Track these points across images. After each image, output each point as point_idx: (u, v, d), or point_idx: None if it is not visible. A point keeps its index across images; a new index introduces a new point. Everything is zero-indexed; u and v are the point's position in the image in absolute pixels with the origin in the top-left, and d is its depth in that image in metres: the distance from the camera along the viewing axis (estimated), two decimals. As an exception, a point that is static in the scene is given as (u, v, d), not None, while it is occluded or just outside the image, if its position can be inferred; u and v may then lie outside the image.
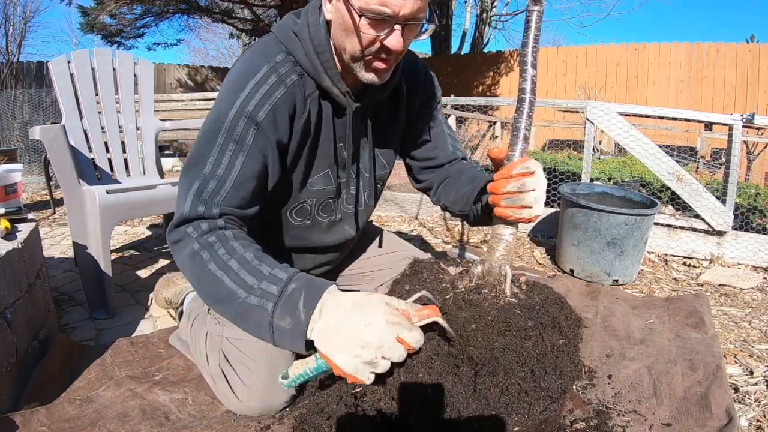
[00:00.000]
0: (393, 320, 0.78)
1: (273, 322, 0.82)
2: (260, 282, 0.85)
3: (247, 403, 1.09)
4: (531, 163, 0.88)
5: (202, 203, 0.91)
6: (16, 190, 1.47)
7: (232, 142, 0.94)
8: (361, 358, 0.77)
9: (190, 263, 0.89)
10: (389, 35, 0.90)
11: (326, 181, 1.13)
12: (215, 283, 0.86)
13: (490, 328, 0.86)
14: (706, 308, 1.80)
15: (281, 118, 0.97)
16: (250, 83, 0.96)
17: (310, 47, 0.99)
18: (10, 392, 1.12)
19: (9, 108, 5.80)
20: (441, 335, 0.87)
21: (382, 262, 1.40)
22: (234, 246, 0.89)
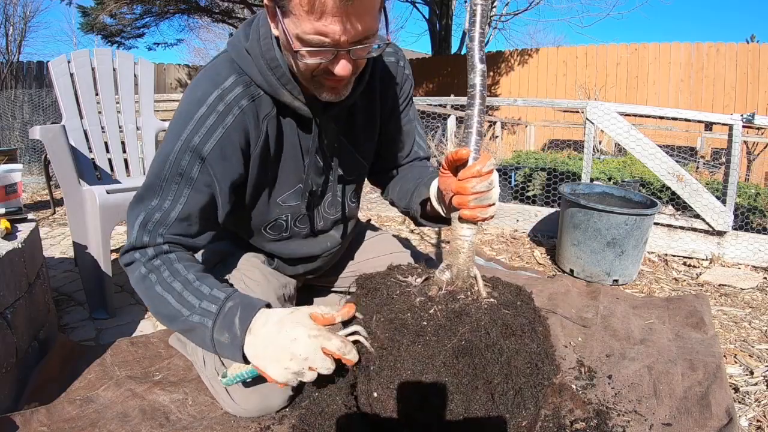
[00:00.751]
0: (314, 333, 0.88)
1: (213, 337, 0.91)
2: (201, 302, 0.93)
3: (243, 405, 1.09)
4: (492, 159, 0.87)
5: (147, 233, 0.96)
6: (16, 190, 1.47)
7: (177, 176, 0.94)
8: (290, 369, 0.87)
9: (140, 285, 0.96)
10: (335, 63, 0.85)
11: (297, 196, 1.12)
12: (163, 303, 0.94)
13: (493, 333, 0.86)
14: (706, 308, 1.80)
15: (231, 149, 0.96)
16: (197, 114, 0.93)
17: (262, 63, 0.95)
18: (10, 392, 1.12)
19: (9, 108, 5.80)
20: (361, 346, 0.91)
21: (377, 265, 1.40)
22: (178, 268, 0.95)
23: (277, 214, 1.13)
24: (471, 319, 0.87)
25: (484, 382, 0.84)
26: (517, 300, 0.97)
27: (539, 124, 7.89)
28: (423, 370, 0.85)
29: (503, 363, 0.85)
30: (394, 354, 0.87)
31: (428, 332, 0.86)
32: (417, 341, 0.86)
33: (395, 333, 0.87)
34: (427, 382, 0.85)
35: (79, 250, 1.66)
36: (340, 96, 0.95)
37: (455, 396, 0.84)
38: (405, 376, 0.85)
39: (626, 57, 8.44)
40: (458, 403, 0.84)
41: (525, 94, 9.34)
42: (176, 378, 1.28)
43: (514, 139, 7.78)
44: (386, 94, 1.17)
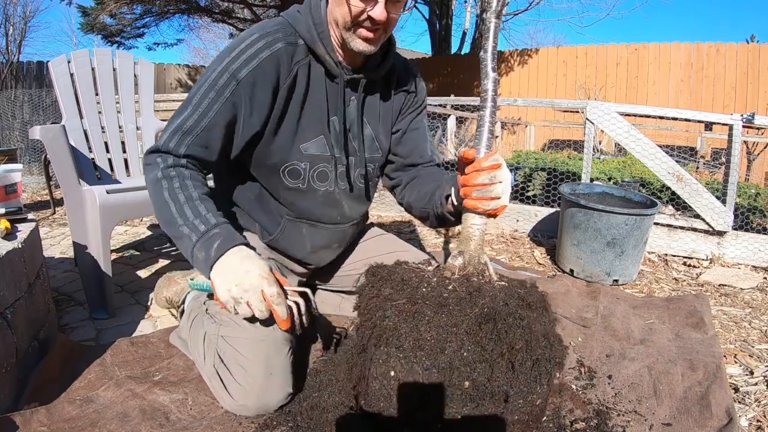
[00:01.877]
0: (264, 276, 1.02)
1: (193, 251, 1.04)
2: (195, 218, 1.05)
3: (242, 402, 1.09)
4: (498, 156, 0.99)
5: (175, 141, 1.09)
6: (16, 190, 1.47)
7: (212, 91, 1.09)
8: (230, 293, 1.01)
9: (152, 186, 1.09)
10: (374, 6, 1.05)
11: (320, 148, 1.22)
12: (165, 207, 1.06)
13: (511, 304, 0.91)
14: (706, 308, 1.80)
15: (262, 78, 1.10)
16: (240, 47, 1.10)
17: (310, 20, 1.14)
18: (10, 392, 1.12)
19: (9, 108, 5.80)
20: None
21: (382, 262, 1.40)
22: (187, 183, 1.08)
23: (296, 159, 1.21)
24: (489, 293, 0.92)
25: (508, 348, 0.87)
26: (524, 287, 1.01)
27: (539, 124, 7.89)
28: (447, 338, 0.87)
29: (525, 327, 0.88)
30: (417, 324, 0.88)
31: (451, 303, 0.90)
32: (440, 311, 0.89)
33: (419, 306, 0.90)
34: (449, 352, 0.86)
35: (79, 250, 1.66)
36: (372, 46, 1.11)
37: (478, 366, 0.86)
38: (429, 346, 0.87)
39: (626, 57, 8.44)
40: (481, 372, 0.86)
41: (525, 94, 9.34)
42: (176, 378, 1.28)
43: (514, 139, 7.78)
44: (404, 90, 1.32)
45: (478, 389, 0.86)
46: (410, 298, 0.92)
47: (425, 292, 0.93)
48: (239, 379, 1.10)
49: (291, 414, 1.11)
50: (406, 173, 1.37)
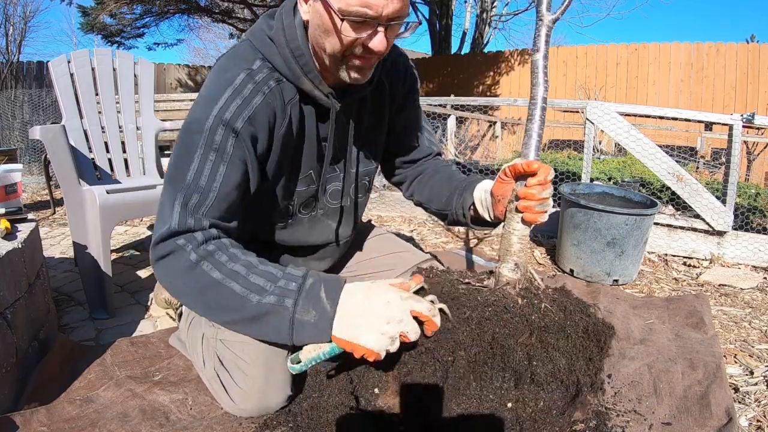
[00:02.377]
0: (405, 296, 0.86)
1: (294, 318, 0.84)
2: (275, 282, 0.86)
3: (242, 406, 1.09)
4: (552, 171, 0.97)
5: (190, 216, 0.89)
6: (16, 190, 1.47)
7: (212, 151, 0.91)
8: (387, 334, 0.83)
9: (188, 276, 0.86)
10: (372, 37, 0.88)
11: (308, 181, 1.13)
12: (222, 292, 0.85)
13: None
14: (706, 308, 1.80)
15: (260, 126, 0.96)
16: (227, 91, 0.94)
17: (287, 52, 0.97)
18: (10, 392, 1.12)
19: (9, 108, 5.80)
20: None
21: (380, 264, 1.40)
22: (235, 253, 0.89)
23: (289, 200, 1.13)
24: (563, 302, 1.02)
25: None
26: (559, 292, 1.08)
27: (539, 124, 7.87)
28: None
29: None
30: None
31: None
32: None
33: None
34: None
35: (79, 250, 1.66)
36: (365, 77, 0.97)
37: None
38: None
39: (626, 57, 8.43)
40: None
41: (525, 94, 9.25)
42: (176, 378, 1.28)
43: (514, 139, 7.77)
44: (395, 90, 1.20)
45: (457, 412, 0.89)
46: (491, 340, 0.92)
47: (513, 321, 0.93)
48: (239, 382, 1.09)
49: (291, 414, 1.11)
50: (408, 169, 1.35)
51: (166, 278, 0.90)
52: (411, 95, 1.25)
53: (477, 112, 6.31)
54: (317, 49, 0.95)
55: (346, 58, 0.93)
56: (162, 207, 0.92)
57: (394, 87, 1.19)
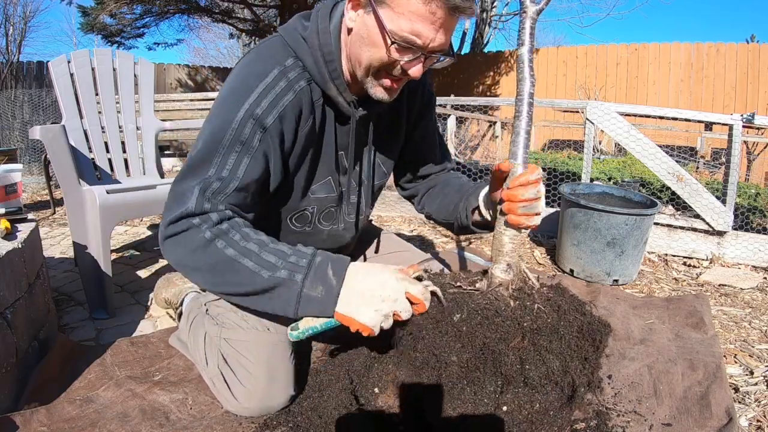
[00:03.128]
0: (400, 277, 0.91)
1: (302, 292, 0.89)
2: (286, 258, 0.90)
3: (245, 404, 1.09)
4: (540, 170, 0.93)
5: (208, 201, 0.91)
6: (16, 190, 1.47)
7: (238, 144, 0.93)
8: (381, 311, 0.89)
9: (201, 253, 0.89)
10: (412, 63, 0.91)
11: (328, 189, 1.14)
12: (234, 268, 0.89)
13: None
14: (706, 308, 1.80)
15: (288, 124, 0.98)
16: (260, 86, 0.95)
17: (318, 55, 0.98)
18: (10, 392, 1.12)
19: (9, 108, 5.80)
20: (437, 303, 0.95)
21: (385, 262, 1.40)
22: (248, 232, 0.92)
23: (306, 204, 1.13)
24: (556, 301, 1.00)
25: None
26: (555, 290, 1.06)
27: (539, 124, 7.88)
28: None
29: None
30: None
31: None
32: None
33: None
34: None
35: (79, 250, 1.66)
36: (391, 97, 0.99)
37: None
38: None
39: (626, 57, 8.43)
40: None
41: (525, 94, 9.31)
42: (176, 378, 1.28)
43: (514, 139, 7.76)
44: (412, 103, 1.20)
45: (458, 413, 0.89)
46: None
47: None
48: (243, 380, 1.10)
49: (291, 414, 1.11)
50: (420, 184, 1.35)
51: (176, 254, 0.92)
52: (428, 110, 1.26)
53: (477, 112, 6.30)
54: (352, 58, 0.97)
55: (379, 75, 0.95)
56: (178, 192, 0.93)
57: (412, 101, 1.20)
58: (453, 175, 1.34)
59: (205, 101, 5.24)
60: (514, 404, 0.91)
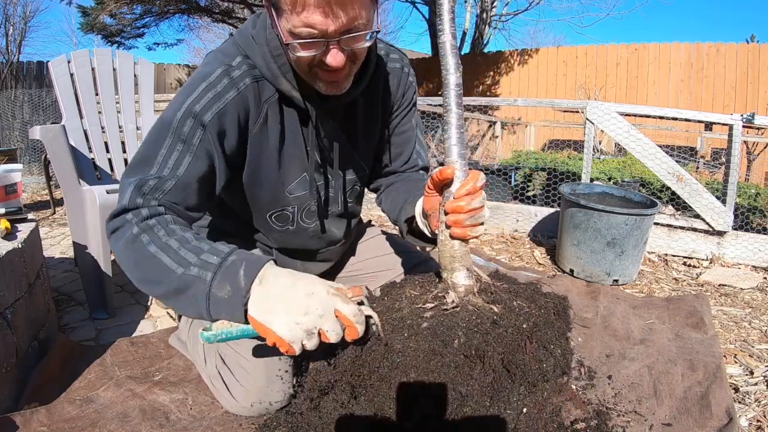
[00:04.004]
0: (333, 292, 0.82)
1: (210, 292, 0.81)
2: (199, 255, 0.84)
3: (244, 404, 1.09)
4: (482, 175, 0.87)
5: (141, 196, 0.89)
6: (16, 190, 1.47)
7: (179, 142, 0.93)
8: (302, 325, 0.79)
9: (129, 248, 0.87)
10: (326, 54, 0.87)
11: (304, 186, 1.12)
12: (154, 264, 0.84)
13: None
14: (706, 308, 1.80)
15: (229, 122, 0.96)
16: (202, 85, 0.95)
17: (266, 51, 0.97)
18: (10, 392, 1.12)
19: (9, 108, 5.80)
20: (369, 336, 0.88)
21: (379, 264, 1.40)
22: (174, 228, 0.88)
23: (285, 204, 1.13)
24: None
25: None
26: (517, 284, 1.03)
27: (539, 124, 7.89)
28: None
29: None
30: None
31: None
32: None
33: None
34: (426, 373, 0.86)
35: (79, 250, 1.66)
36: (340, 89, 0.96)
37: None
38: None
39: (626, 57, 8.43)
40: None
41: (525, 94, 9.33)
42: (176, 378, 1.28)
43: (514, 139, 7.78)
44: (388, 97, 1.18)
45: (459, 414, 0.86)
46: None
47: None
48: (241, 380, 1.10)
49: (290, 414, 1.11)
50: (386, 178, 1.31)
51: (116, 252, 0.90)
52: (406, 104, 1.23)
53: (477, 112, 6.30)
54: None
55: (312, 72, 0.92)
56: (120, 189, 0.93)
57: (387, 94, 1.17)
58: (417, 175, 1.28)
59: (205, 101, 5.23)
60: (532, 404, 0.90)
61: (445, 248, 0.92)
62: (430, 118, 4.55)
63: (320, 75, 0.92)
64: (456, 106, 0.89)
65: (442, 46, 0.88)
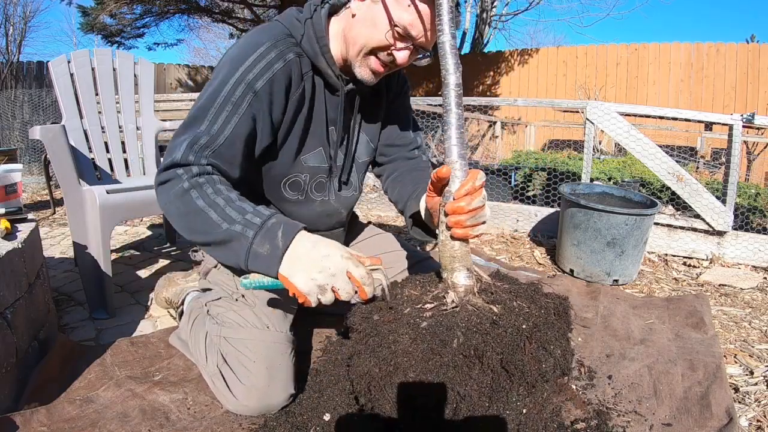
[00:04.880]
0: (346, 256, 0.94)
1: (251, 248, 0.94)
2: (244, 215, 0.96)
3: (245, 403, 1.09)
4: (482, 173, 0.93)
5: (193, 153, 0.99)
6: (16, 190, 1.47)
7: (229, 104, 1.03)
8: (316, 281, 0.92)
9: (178, 200, 0.97)
10: (402, 50, 1.05)
11: (320, 159, 1.22)
12: (201, 217, 0.96)
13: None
14: (706, 308, 1.80)
15: (277, 89, 1.07)
16: (252, 56, 1.05)
17: (311, 33, 1.11)
18: (10, 392, 1.12)
19: (9, 108, 5.80)
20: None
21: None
22: (220, 188, 0.99)
23: (298, 171, 1.21)
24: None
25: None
26: (516, 284, 1.04)
27: (539, 124, 7.89)
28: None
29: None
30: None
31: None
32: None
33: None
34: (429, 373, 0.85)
35: (79, 250, 1.66)
36: (375, 80, 1.13)
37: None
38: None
39: (626, 57, 8.43)
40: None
41: (525, 94, 9.33)
42: (176, 378, 1.28)
43: (514, 139, 7.77)
44: (390, 88, 1.32)
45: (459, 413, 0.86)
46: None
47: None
48: (243, 379, 1.10)
49: (291, 414, 1.11)
50: (389, 162, 1.39)
51: (163, 202, 1.00)
52: (402, 94, 1.37)
53: (477, 112, 6.30)
54: (349, 39, 1.10)
55: (369, 56, 1.08)
56: (171, 144, 1.02)
57: (389, 87, 1.32)
58: (419, 162, 1.37)
59: (205, 101, 5.22)
60: (532, 404, 0.90)
61: (446, 248, 0.92)
62: (430, 118, 4.55)
63: (372, 62, 1.09)
64: (456, 107, 0.89)
65: (442, 46, 0.89)
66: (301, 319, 1.30)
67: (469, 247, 0.94)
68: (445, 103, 0.90)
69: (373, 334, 0.94)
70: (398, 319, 0.93)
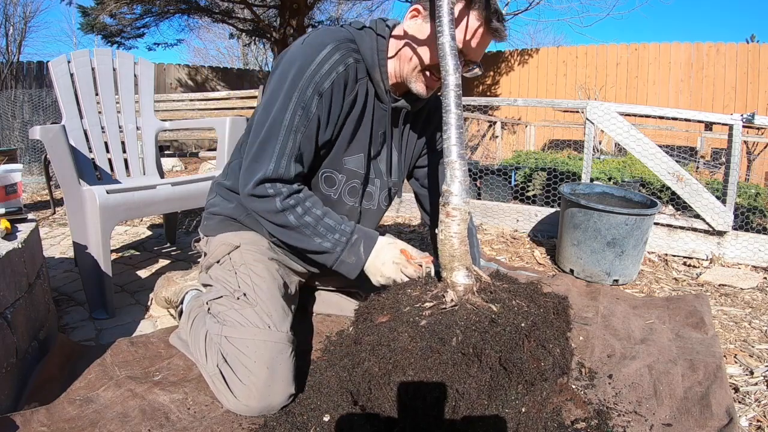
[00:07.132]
0: (396, 261, 1.18)
1: (340, 258, 1.18)
2: (333, 233, 1.17)
3: (245, 402, 1.09)
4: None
5: (284, 165, 1.13)
6: (16, 190, 1.47)
7: (300, 108, 1.12)
8: (381, 281, 1.20)
9: (273, 217, 1.16)
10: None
11: (358, 164, 1.30)
12: (295, 233, 1.17)
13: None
14: (706, 308, 1.80)
15: (337, 91, 1.16)
16: (318, 58, 1.12)
17: (374, 45, 1.20)
18: (10, 392, 1.12)
19: (9, 108, 5.79)
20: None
21: None
22: (308, 206, 1.16)
23: (336, 169, 1.28)
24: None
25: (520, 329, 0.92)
26: (513, 282, 1.05)
27: (539, 124, 7.89)
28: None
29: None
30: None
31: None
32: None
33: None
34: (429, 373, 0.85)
35: (79, 250, 1.66)
36: (427, 94, 1.22)
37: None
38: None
39: (626, 57, 8.43)
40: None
41: (525, 94, 9.33)
42: (176, 378, 1.28)
43: (514, 139, 7.78)
44: (433, 113, 1.38)
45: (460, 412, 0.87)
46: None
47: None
48: (243, 379, 1.10)
49: (290, 414, 1.11)
50: (428, 169, 1.47)
51: (255, 208, 1.18)
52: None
53: (477, 112, 6.30)
54: (403, 57, 1.19)
55: (422, 72, 1.17)
56: (256, 151, 1.14)
57: (433, 111, 1.38)
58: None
59: (205, 101, 5.23)
60: (532, 403, 0.90)
61: (445, 248, 0.93)
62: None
63: (425, 77, 1.18)
64: (455, 107, 0.90)
65: (441, 47, 0.90)
66: (301, 319, 1.30)
67: (467, 245, 0.94)
68: (445, 104, 0.91)
69: (372, 333, 0.94)
70: (397, 318, 0.93)
